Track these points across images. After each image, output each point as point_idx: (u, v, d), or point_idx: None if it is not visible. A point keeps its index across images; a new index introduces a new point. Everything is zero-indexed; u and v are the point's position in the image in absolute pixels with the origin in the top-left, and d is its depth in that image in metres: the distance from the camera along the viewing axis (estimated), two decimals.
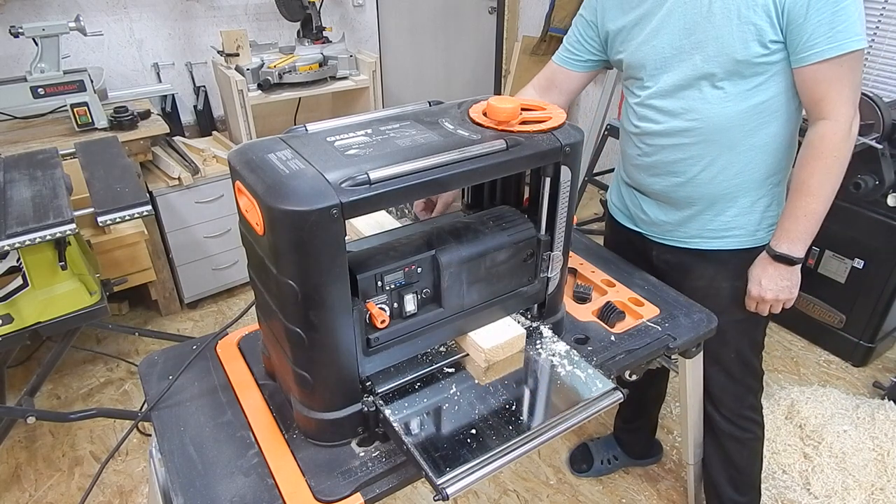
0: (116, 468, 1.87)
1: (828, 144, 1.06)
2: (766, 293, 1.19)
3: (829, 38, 0.99)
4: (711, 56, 1.07)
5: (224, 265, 2.60)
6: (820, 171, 1.08)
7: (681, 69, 1.11)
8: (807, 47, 1.01)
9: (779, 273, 1.17)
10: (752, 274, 1.21)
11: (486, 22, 3.84)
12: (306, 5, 2.63)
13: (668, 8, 1.11)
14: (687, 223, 1.26)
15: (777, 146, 1.15)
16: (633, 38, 1.18)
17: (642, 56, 1.16)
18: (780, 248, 1.15)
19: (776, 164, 1.17)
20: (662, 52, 1.13)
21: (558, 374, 0.94)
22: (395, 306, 0.86)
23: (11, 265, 1.56)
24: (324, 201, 0.69)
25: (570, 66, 1.33)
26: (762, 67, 1.06)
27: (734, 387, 1.37)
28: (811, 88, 1.05)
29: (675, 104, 1.14)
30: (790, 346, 2.41)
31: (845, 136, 1.06)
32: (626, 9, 1.19)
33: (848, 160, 1.08)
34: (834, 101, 1.04)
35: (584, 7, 1.29)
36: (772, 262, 1.17)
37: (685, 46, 1.10)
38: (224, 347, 1.09)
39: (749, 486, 1.52)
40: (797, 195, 1.11)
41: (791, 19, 1.00)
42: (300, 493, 0.81)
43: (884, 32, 2.37)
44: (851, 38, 0.99)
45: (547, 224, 0.95)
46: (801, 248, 1.14)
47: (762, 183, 1.19)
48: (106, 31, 2.55)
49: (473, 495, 1.80)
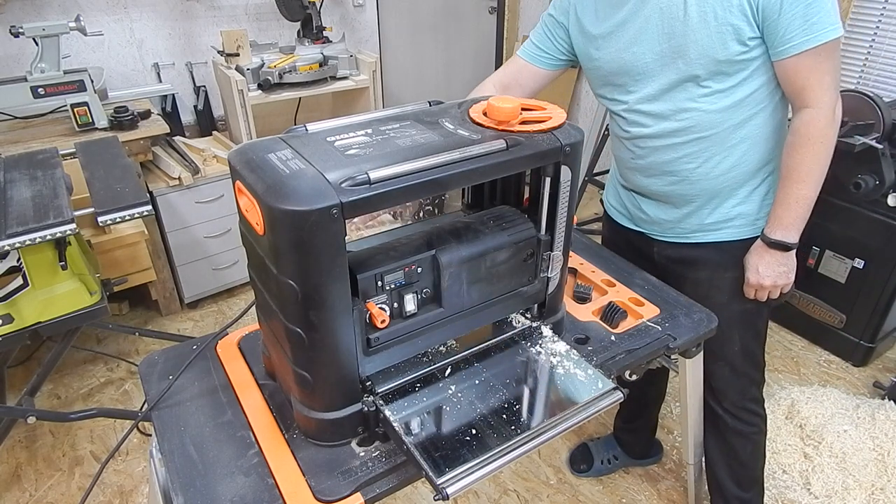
0: (117, 468, 1.88)
1: (813, 131, 1.08)
2: (765, 280, 1.20)
3: (805, 31, 1.01)
4: (693, 59, 1.08)
5: (224, 265, 2.60)
6: (808, 157, 1.10)
7: (664, 74, 1.12)
8: (784, 41, 1.03)
9: (775, 259, 1.19)
10: (748, 262, 1.23)
11: (486, 22, 3.84)
12: (306, 5, 2.63)
13: (644, 15, 1.11)
14: (687, 219, 1.26)
15: (767, 135, 1.17)
16: (611, 45, 1.18)
17: (622, 63, 1.17)
18: (774, 234, 1.17)
19: (769, 153, 1.19)
20: (643, 58, 1.14)
21: (558, 374, 0.94)
22: (396, 306, 0.86)
23: (11, 265, 1.56)
24: (324, 201, 0.69)
25: (538, 63, 1.34)
26: (744, 63, 1.08)
27: (737, 379, 1.38)
28: (792, 79, 1.08)
29: (663, 107, 1.15)
30: (790, 346, 2.41)
31: (829, 122, 1.08)
32: (601, 16, 1.19)
33: (834, 144, 1.10)
34: (815, 89, 1.06)
35: (554, 7, 1.29)
36: (767, 249, 1.19)
37: (666, 51, 1.11)
38: (224, 347, 1.09)
39: (752, 481, 1.52)
40: (787, 182, 1.13)
41: (766, 16, 1.02)
42: (300, 493, 0.81)
43: (884, 32, 2.37)
44: (826, 29, 1.01)
45: (547, 224, 0.95)
46: (794, 234, 1.16)
47: (757, 172, 1.20)
48: (106, 31, 2.55)
49: (473, 495, 1.80)
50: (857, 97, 1.97)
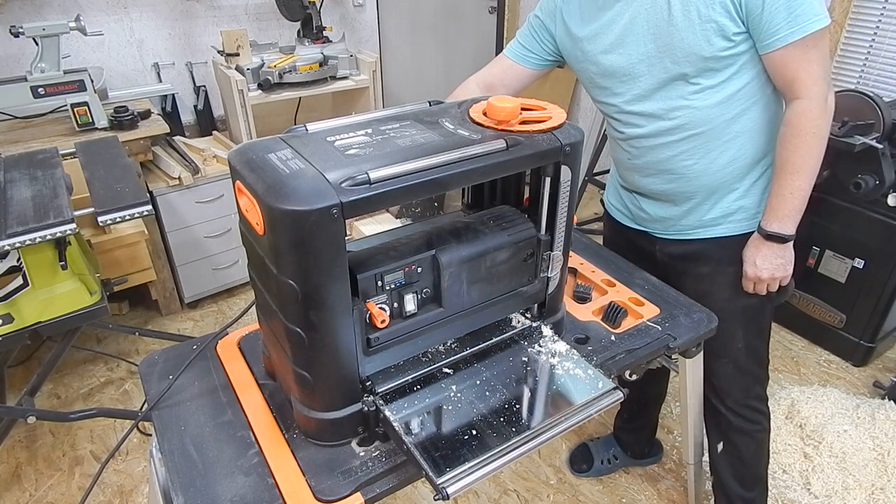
0: (117, 468, 1.88)
1: (805, 122, 1.08)
2: (762, 272, 1.20)
3: (790, 23, 1.01)
4: (680, 58, 1.08)
5: (224, 265, 2.60)
6: (801, 148, 1.10)
7: (653, 74, 1.13)
8: (769, 34, 1.03)
9: (772, 252, 1.18)
10: (746, 255, 1.22)
11: (486, 22, 3.84)
12: (306, 5, 2.63)
13: (629, 16, 1.11)
14: (687, 216, 1.26)
15: (763, 128, 1.17)
16: (595, 47, 1.18)
17: (609, 64, 1.17)
18: (770, 227, 1.17)
19: (766, 145, 1.19)
20: (629, 58, 1.14)
21: (558, 374, 0.94)
22: (396, 306, 0.86)
23: (12, 265, 1.56)
24: (324, 201, 0.69)
25: (525, 62, 1.34)
26: (732, 59, 1.08)
27: (741, 377, 1.37)
28: (781, 72, 1.08)
29: (655, 106, 1.15)
30: (790, 346, 2.41)
31: (822, 112, 1.08)
32: (586, 18, 1.19)
33: (827, 135, 1.10)
34: (805, 80, 1.06)
35: (541, 9, 1.29)
36: (764, 241, 1.18)
37: (652, 51, 1.11)
38: (224, 347, 1.09)
39: (756, 480, 1.51)
40: (781, 174, 1.13)
41: (750, 10, 1.02)
42: (300, 493, 0.81)
43: (884, 32, 2.37)
44: (811, 20, 1.01)
45: (547, 224, 0.95)
46: (790, 226, 1.16)
47: (755, 166, 1.20)
48: (106, 30, 2.55)
49: (473, 495, 1.80)
50: (857, 97, 1.97)
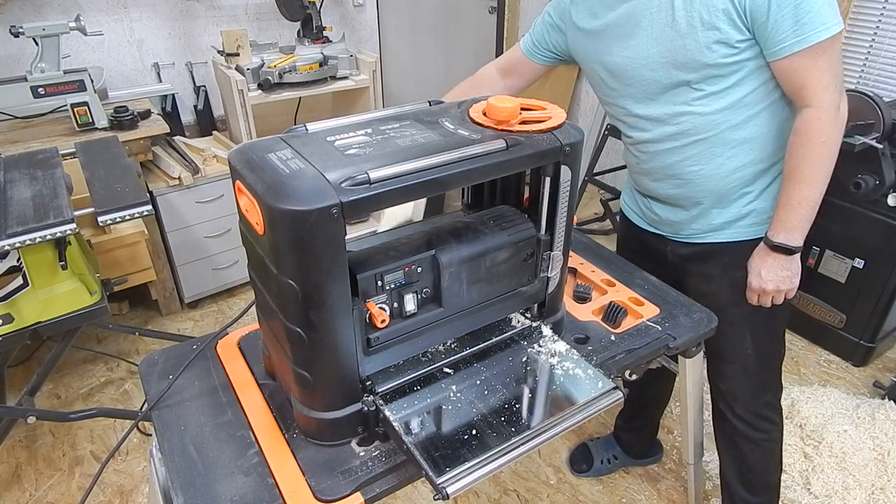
0: (117, 468, 1.87)
1: (814, 130, 1.05)
2: (767, 284, 1.17)
3: (796, 32, 0.98)
4: (683, 63, 1.07)
5: (224, 265, 2.60)
6: (810, 157, 1.07)
7: (656, 79, 1.12)
8: (775, 42, 1.01)
9: (778, 263, 1.15)
10: (751, 265, 1.20)
11: (486, 22, 3.84)
12: (306, 5, 2.63)
13: (635, 20, 1.11)
14: (697, 220, 1.25)
15: (773, 133, 1.14)
16: (600, 43, 1.18)
17: (615, 65, 1.17)
18: (777, 237, 1.13)
19: (777, 151, 1.16)
20: (634, 61, 1.13)
21: (558, 374, 0.94)
22: (396, 306, 0.86)
23: (12, 265, 1.56)
24: (324, 201, 0.69)
25: (534, 57, 1.36)
26: (736, 66, 1.06)
27: (749, 382, 1.34)
28: (789, 79, 1.05)
29: (660, 111, 1.15)
30: (790, 345, 2.41)
31: (832, 121, 1.04)
32: (594, 14, 1.18)
33: (838, 145, 1.07)
34: (814, 88, 1.03)
35: (553, 7, 1.30)
36: (770, 252, 1.15)
37: (655, 56, 1.10)
38: (224, 347, 1.09)
39: (763, 486, 1.47)
40: (790, 183, 1.10)
41: (754, 18, 1.00)
42: (300, 493, 0.81)
43: (884, 32, 2.37)
44: (818, 29, 0.98)
45: (547, 224, 0.95)
46: (798, 237, 1.12)
47: (766, 171, 1.18)
48: (106, 30, 2.55)
49: (473, 495, 1.80)
50: (857, 97, 1.97)
